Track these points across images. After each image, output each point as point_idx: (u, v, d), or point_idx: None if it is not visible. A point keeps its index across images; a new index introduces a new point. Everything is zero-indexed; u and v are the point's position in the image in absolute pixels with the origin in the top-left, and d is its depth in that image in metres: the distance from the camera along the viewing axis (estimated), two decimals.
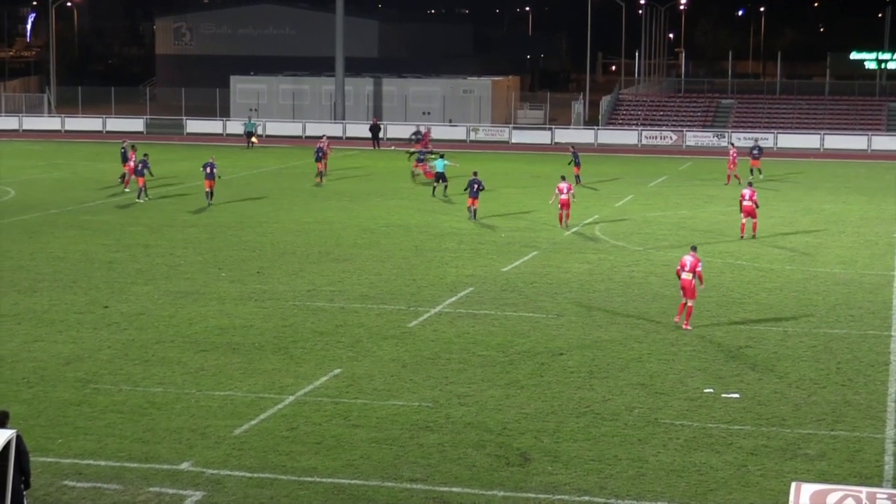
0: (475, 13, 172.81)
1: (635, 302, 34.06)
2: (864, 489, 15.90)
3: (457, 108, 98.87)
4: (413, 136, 79.38)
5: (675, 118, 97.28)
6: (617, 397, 24.77)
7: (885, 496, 15.65)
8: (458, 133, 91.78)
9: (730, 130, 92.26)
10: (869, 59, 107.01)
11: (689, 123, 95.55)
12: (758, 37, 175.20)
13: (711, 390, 25.20)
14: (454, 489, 19.67)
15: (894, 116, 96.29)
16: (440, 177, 56.97)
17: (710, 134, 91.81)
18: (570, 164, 62.16)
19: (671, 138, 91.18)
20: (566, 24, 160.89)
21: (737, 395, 24.81)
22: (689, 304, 30.79)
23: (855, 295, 35.26)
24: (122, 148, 61.27)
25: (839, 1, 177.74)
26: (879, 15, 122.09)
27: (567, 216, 47.83)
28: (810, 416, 23.68)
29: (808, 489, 15.85)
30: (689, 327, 30.67)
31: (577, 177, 60.81)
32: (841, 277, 37.96)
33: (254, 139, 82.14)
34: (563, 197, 47.62)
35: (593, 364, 27.31)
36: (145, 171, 54.42)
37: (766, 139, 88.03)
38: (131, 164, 56.91)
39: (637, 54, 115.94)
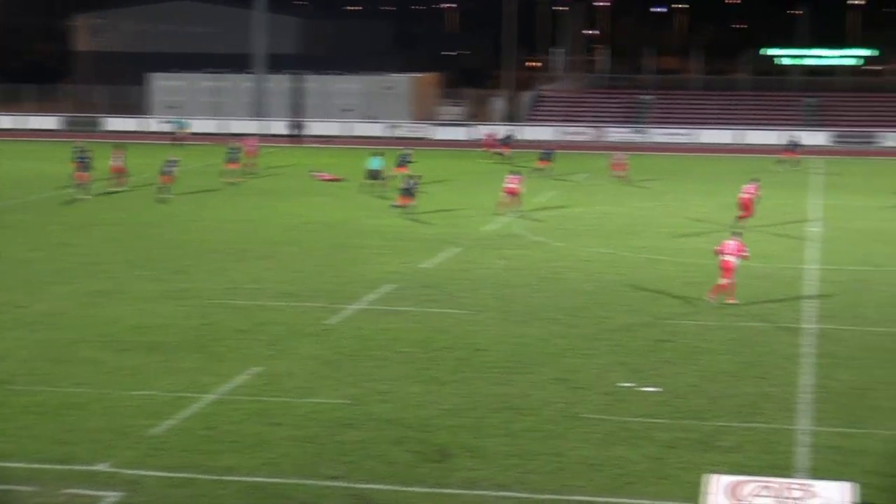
0: (397, 10, 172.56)
1: (555, 297, 34.23)
2: (779, 480, 16.15)
3: (378, 104, 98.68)
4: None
5: (595, 114, 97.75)
6: (536, 392, 24.88)
7: (798, 486, 15.88)
8: (379, 130, 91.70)
9: (650, 125, 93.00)
10: (786, 56, 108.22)
11: (609, 119, 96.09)
12: (679, 33, 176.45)
13: (630, 384, 25.40)
14: (374, 486, 19.67)
15: (810, 112, 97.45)
16: (374, 175, 57.02)
17: (629, 130, 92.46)
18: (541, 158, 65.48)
19: (590, 134, 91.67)
20: (488, 20, 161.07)
21: (655, 389, 25.02)
22: (726, 282, 32.94)
23: (771, 288, 35.69)
24: (77, 148, 60.73)
25: None
26: (798, 12, 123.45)
27: (511, 203, 49.65)
28: (727, 408, 23.93)
29: (723, 480, 16.06)
30: (734, 300, 32.91)
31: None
32: (757, 271, 38.35)
33: (184, 133, 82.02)
34: (511, 186, 49.84)
35: (513, 359, 27.42)
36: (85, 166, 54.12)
37: (686, 135, 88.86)
38: (118, 164, 57.50)
39: (557, 51, 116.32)
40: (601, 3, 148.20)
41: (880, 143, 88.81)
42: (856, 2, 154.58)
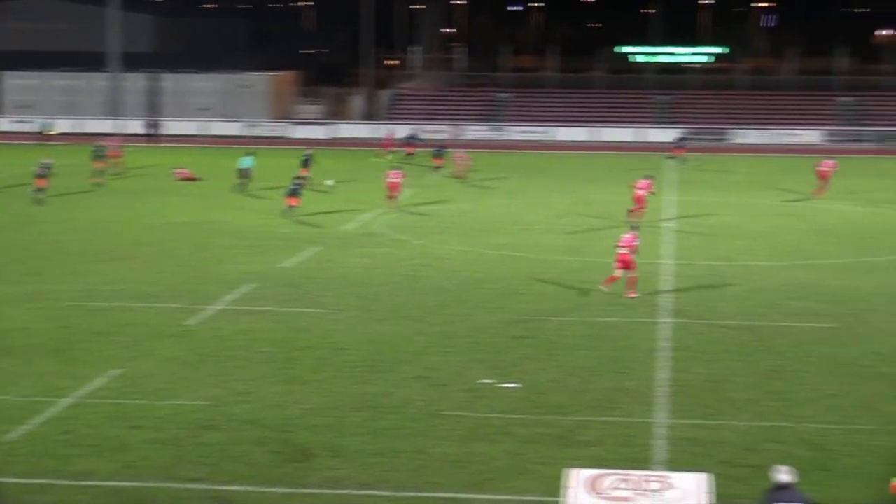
0: (253, 7, 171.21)
1: (416, 295, 34.30)
2: (637, 472, 16.37)
3: (236, 103, 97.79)
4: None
5: (453, 112, 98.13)
6: (398, 390, 24.91)
7: (656, 478, 16.12)
8: (237, 129, 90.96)
9: (507, 123, 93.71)
10: (639, 54, 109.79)
11: (466, 117, 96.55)
12: (536, 31, 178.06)
13: (490, 381, 25.55)
14: (235, 487, 19.51)
15: (663, 109, 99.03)
16: (244, 173, 56.76)
17: (486, 127, 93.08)
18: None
19: (450, 132, 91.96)
20: (346, 18, 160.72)
21: (514, 386, 25.20)
22: (631, 275, 33.83)
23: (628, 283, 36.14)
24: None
25: None
26: (651, 10, 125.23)
27: (394, 197, 51.23)
28: (586, 403, 24.20)
29: (583, 474, 16.24)
30: (635, 295, 33.62)
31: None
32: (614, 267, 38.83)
33: (52, 133, 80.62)
34: (393, 181, 51.54)
35: (374, 358, 27.41)
36: None
37: (542, 132, 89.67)
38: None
39: (415, 49, 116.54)
40: (458, 2, 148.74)
41: (731, 140, 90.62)
42: (707, 1, 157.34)
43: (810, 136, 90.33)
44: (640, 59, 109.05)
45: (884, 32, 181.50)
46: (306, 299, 33.59)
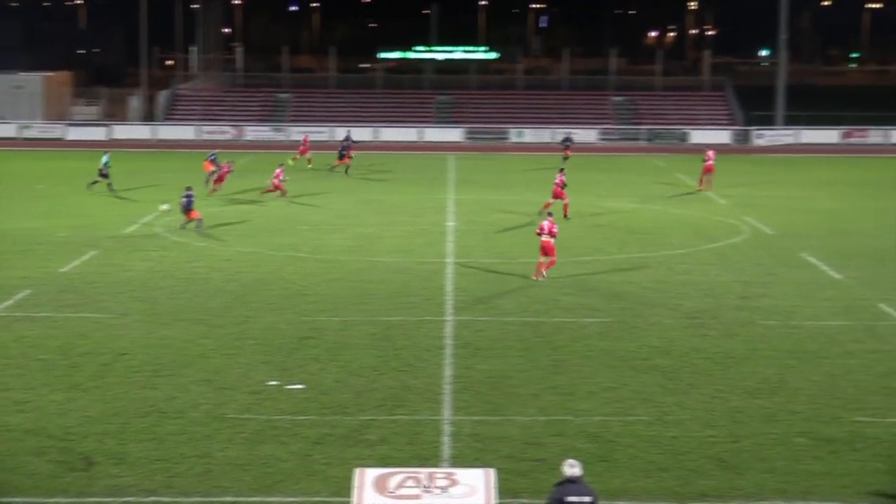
0: (23, 6, 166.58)
1: (199, 298, 33.88)
2: (424, 470, 16.48)
3: (8, 104, 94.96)
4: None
5: (234, 113, 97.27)
6: (182, 395, 24.57)
7: (442, 475, 16.26)
8: (12, 131, 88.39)
9: (288, 124, 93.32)
10: (418, 54, 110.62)
11: (247, 118, 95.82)
12: (312, 31, 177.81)
13: (276, 382, 25.41)
14: (15, 499, 18.97)
15: (443, 109, 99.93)
16: (101, 174, 56.49)
17: (268, 128, 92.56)
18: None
19: (231, 133, 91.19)
20: (122, 17, 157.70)
21: (300, 387, 25.12)
22: (553, 259, 36.40)
23: (411, 282, 36.40)
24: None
25: None
26: (426, 11, 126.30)
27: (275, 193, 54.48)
28: (372, 402, 24.26)
29: (370, 474, 16.27)
30: (545, 277, 36.26)
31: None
32: (397, 266, 39.09)
33: None
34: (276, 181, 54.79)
35: (157, 362, 26.97)
36: None
37: (323, 132, 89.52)
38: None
39: (194, 49, 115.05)
40: (236, 1, 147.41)
41: (510, 139, 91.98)
42: (484, 2, 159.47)
43: (587, 134, 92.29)
44: (419, 59, 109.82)
45: (653, 34, 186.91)
46: (86, 304, 32.84)
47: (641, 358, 27.75)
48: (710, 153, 61.88)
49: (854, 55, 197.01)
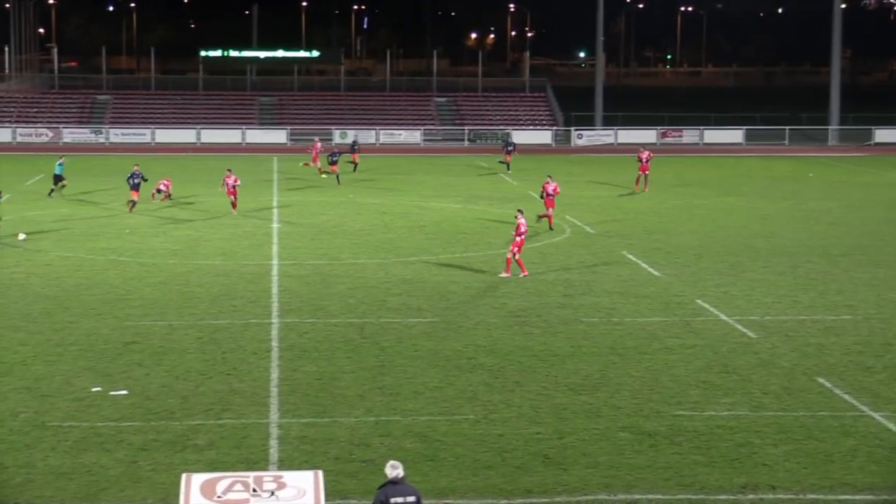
0: None
1: (18, 304, 33.11)
2: (252, 474, 16.37)
3: None
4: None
5: (51, 115, 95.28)
6: (1, 403, 23.97)
7: (270, 479, 16.18)
8: None
9: (108, 126, 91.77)
10: (238, 55, 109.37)
11: (65, 120, 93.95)
12: (130, 32, 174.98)
13: (99, 389, 24.97)
14: None
15: (266, 111, 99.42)
16: (57, 179, 56.93)
17: (87, 130, 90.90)
18: None
19: (47, 135, 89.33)
20: None
21: (125, 392, 24.74)
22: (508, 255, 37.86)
23: (236, 285, 36.12)
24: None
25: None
26: (247, 13, 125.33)
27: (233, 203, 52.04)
28: (198, 406, 24.00)
29: (197, 479, 16.10)
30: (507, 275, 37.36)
31: None
32: (222, 269, 38.76)
33: None
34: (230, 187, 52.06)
35: None
36: None
37: (144, 134, 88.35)
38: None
39: (6, 49, 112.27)
40: (51, 1, 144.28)
41: (334, 141, 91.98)
42: (304, 4, 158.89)
43: (411, 135, 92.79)
44: (239, 59, 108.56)
45: (473, 36, 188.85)
46: None
47: (467, 357, 27.96)
48: (644, 153, 63.00)
49: (668, 57, 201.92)
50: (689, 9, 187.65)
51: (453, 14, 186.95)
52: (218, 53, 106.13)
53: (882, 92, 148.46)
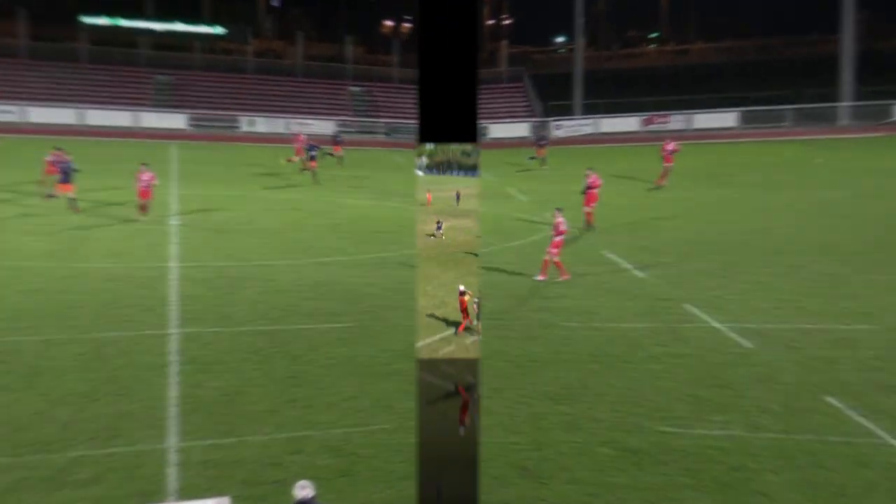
0: None
1: None
2: None
3: None
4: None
5: None
6: None
7: None
8: None
9: None
10: (129, 25, 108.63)
11: None
12: None
13: None
14: None
15: (162, 91, 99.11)
16: None
17: None
18: None
19: None
20: None
21: None
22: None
23: (128, 291, 35.98)
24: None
25: None
26: None
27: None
28: (81, 435, 23.80)
29: None
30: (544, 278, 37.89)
31: None
32: (110, 272, 38.62)
33: None
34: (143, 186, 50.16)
35: None
36: None
37: (12, 112, 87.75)
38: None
39: None
40: None
41: (240, 128, 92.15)
42: None
43: (322, 125, 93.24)
44: (131, 30, 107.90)
45: (388, 23, 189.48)
46: None
47: (382, 363, 28.71)
48: (670, 146, 63.37)
49: (653, 35, 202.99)
50: None
51: None
52: (104, 21, 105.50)
53: None
